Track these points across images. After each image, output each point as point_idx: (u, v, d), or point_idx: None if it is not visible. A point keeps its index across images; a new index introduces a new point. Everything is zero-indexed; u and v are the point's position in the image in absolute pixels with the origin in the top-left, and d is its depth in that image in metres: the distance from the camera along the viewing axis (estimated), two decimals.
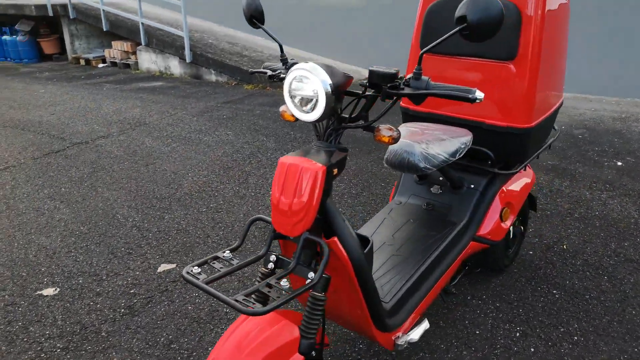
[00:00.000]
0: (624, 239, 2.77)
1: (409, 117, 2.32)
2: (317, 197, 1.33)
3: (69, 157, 4.23)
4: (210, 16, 8.93)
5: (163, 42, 7.35)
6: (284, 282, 1.32)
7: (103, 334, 2.16)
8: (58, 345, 2.09)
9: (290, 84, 1.36)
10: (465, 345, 2.04)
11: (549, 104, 2.18)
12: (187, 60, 7.02)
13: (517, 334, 2.10)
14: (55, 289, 2.46)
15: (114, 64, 8.38)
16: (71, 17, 8.60)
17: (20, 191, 3.57)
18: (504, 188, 2.18)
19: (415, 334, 1.76)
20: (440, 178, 2.22)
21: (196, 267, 1.35)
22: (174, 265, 2.64)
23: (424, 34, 2.17)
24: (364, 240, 1.57)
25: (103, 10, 7.96)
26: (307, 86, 1.32)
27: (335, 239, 1.43)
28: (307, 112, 1.36)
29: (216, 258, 1.44)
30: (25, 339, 2.12)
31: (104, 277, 2.54)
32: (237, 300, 1.23)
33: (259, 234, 2.92)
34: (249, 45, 7.69)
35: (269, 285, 1.32)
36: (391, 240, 2.01)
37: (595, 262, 2.57)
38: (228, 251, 1.45)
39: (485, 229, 2.13)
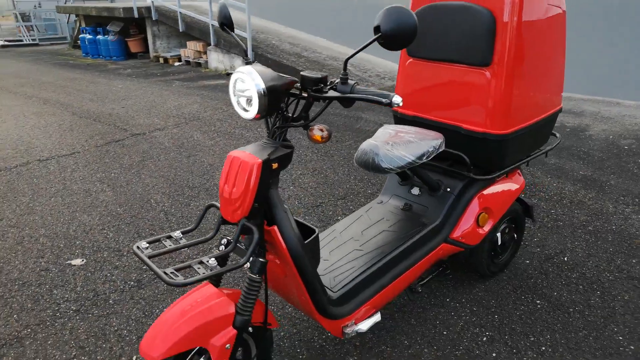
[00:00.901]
0: (633, 256, 2.64)
1: (399, 120, 2.40)
2: (253, 188, 1.50)
3: (126, 146, 4.71)
4: (276, 18, 9.31)
5: (229, 43, 7.80)
6: (212, 261, 1.50)
7: (110, 301, 2.46)
8: (72, 307, 2.42)
9: (235, 85, 1.54)
10: (428, 344, 2.10)
11: (533, 112, 2.17)
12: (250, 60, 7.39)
13: (484, 339, 2.12)
14: (83, 260, 2.82)
15: (187, 62, 9.01)
16: (154, 19, 9.36)
17: (78, 174, 4.06)
18: (482, 193, 2.20)
19: (364, 325, 1.86)
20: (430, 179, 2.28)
21: (144, 243, 1.57)
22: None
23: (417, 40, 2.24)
24: (311, 231, 1.71)
25: (180, 12, 8.59)
26: (245, 87, 1.49)
27: (275, 227, 1.59)
28: (247, 111, 1.54)
29: (169, 237, 1.65)
30: (47, 300, 2.48)
31: (125, 253, 2.87)
32: (165, 272, 1.42)
33: None
34: (310, 46, 7.94)
35: (201, 263, 1.51)
36: (359, 236, 2.12)
37: (592, 277, 2.49)
38: (180, 232, 1.66)
39: (459, 232, 2.16)
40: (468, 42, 2.01)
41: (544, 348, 2.05)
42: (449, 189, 2.19)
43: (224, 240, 1.71)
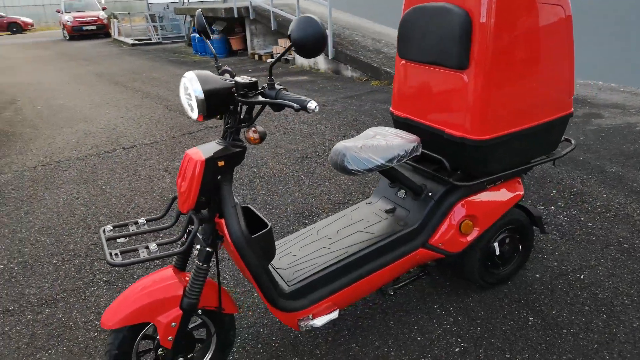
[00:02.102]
0: None
1: (395, 122, 2.40)
2: (197, 183, 1.66)
3: (197, 138, 5.15)
4: (365, 14, 9.34)
5: None
6: (154, 247, 1.68)
7: (135, 276, 2.79)
8: (103, 278, 2.79)
9: (185, 89, 1.70)
10: (397, 348, 2.10)
11: (523, 118, 2.03)
12: (330, 57, 7.57)
13: (457, 349, 2.07)
14: (125, 239, 3.20)
15: None
16: (251, 18, 9.93)
17: (149, 162, 4.55)
18: (467, 200, 2.13)
19: (319, 321, 1.93)
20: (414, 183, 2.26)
21: (110, 227, 1.80)
22: None
23: (399, 42, 2.23)
24: (264, 225, 1.83)
25: (272, 11, 9.02)
26: (188, 91, 1.65)
27: (222, 220, 1.73)
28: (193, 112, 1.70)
29: (135, 223, 1.87)
30: (87, 270, 2.88)
31: (160, 236, 3.20)
32: (110, 253, 1.64)
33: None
34: (393, 42, 7.88)
35: (147, 247, 1.70)
36: (333, 235, 2.18)
37: (604, 299, 2.27)
38: (144, 219, 1.87)
39: (439, 238, 2.12)
40: (445, 44, 1.96)
41: None
42: (430, 194, 2.15)
43: (189, 229, 1.89)
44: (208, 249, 1.75)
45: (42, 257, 3.01)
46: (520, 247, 2.40)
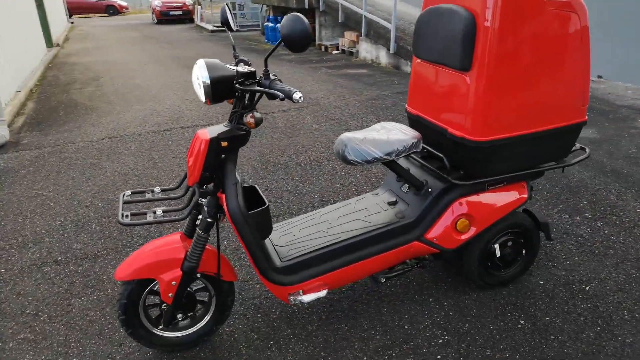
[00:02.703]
0: None
1: (409, 119, 2.48)
2: (201, 159, 1.86)
3: None
4: None
5: (377, 34, 8.07)
6: (159, 212, 1.91)
7: None
8: (139, 242, 3.10)
9: (196, 75, 1.90)
10: (383, 332, 2.21)
11: (527, 122, 2.05)
12: (391, 52, 7.59)
13: (440, 341, 2.14)
14: (142, 204, 3.51)
15: (343, 51, 9.57)
16: (321, 9, 10.11)
17: None
18: (465, 199, 2.18)
19: (307, 297, 2.09)
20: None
21: (129, 192, 2.06)
22: None
23: (414, 40, 2.30)
24: (262, 203, 2.01)
25: (341, 4, 9.14)
26: (198, 77, 1.84)
27: (220, 194, 1.93)
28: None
29: (152, 191, 2.11)
30: (128, 233, 3.20)
31: (172, 202, 3.48)
32: (122, 214, 1.88)
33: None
34: None
35: (154, 212, 1.93)
36: (333, 220, 2.31)
37: (604, 312, 2.24)
38: (159, 188, 2.11)
39: (434, 233, 2.19)
40: (451, 45, 2.02)
41: None
42: (430, 190, 2.22)
43: (193, 200, 2.11)
44: (209, 219, 1.95)
45: (92, 219, 3.39)
46: (523, 251, 2.41)
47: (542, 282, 2.47)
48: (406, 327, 2.24)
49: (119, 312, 2.00)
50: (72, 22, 21.00)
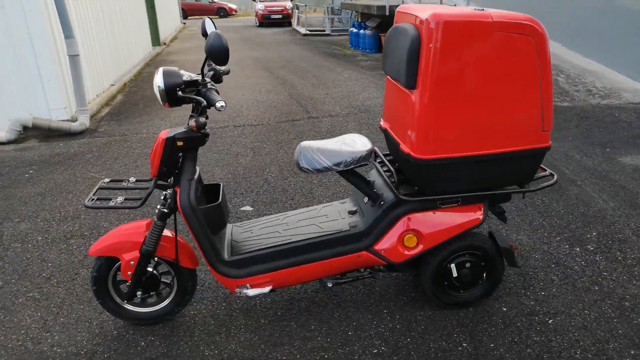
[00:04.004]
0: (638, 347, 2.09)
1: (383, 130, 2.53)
2: (157, 155, 2.11)
3: (295, 125, 5.66)
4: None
5: None
6: (120, 199, 2.17)
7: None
8: None
9: (156, 81, 2.12)
10: (326, 335, 2.30)
11: (476, 144, 2.02)
12: None
13: (375, 351, 2.19)
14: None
15: None
16: None
17: (244, 140, 5.20)
18: (413, 215, 2.19)
19: (251, 292, 2.24)
20: (375, 190, 2.39)
21: (107, 179, 2.35)
22: (251, 209, 3.62)
23: (383, 57, 2.37)
24: (216, 200, 2.22)
25: None
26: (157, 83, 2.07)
27: (177, 188, 2.16)
28: None
29: (128, 180, 2.39)
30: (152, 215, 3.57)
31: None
32: (91, 198, 2.17)
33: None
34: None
35: (117, 199, 2.20)
36: (292, 223, 2.44)
37: (555, 347, 2.13)
38: (134, 179, 2.38)
39: (382, 246, 2.24)
40: (401, 64, 2.06)
41: None
42: (382, 203, 2.27)
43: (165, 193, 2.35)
44: (164, 209, 2.19)
45: None
46: (484, 275, 2.35)
47: (505, 309, 2.39)
48: (350, 333, 2.31)
49: (91, 284, 2.31)
50: (184, 23, 22.86)
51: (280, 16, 21.11)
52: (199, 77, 2.06)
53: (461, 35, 1.91)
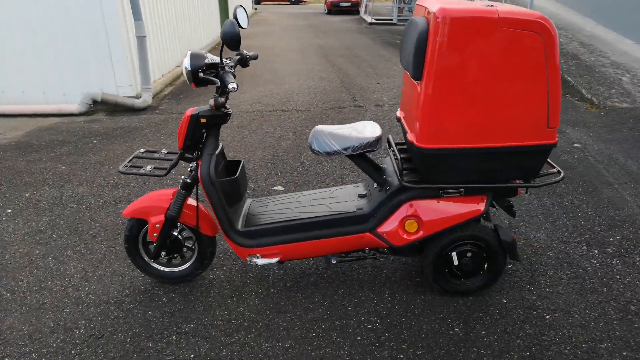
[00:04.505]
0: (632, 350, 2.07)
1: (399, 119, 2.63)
2: (183, 130, 2.34)
3: (341, 112, 5.79)
4: (591, 13, 8.34)
5: None
6: (149, 167, 2.42)
7: None
8: None
9: (184, 62, 2.34)
10: (327, 308, 2.45)
11: (479, 137, 2.08)
12: None
13: (369, 326, 2.32)
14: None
15: None
16: None
17: (289, 124, 5.40)
18: (415, 201, 2.28)
19: (260, 261, 2.44)
20: (384, 176, 2.49)
21: (142, 149, 2.62)
22: (282, 189, 3.82)
23: (400, 49, 2.45)
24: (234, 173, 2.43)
25: None
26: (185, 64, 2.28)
27: (199, 161, 2.38)
28: None
29: (161, 152, 2.64)
30: None
31: (256, 180, 4.00)
32: (125, 164, 2.44)
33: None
34: (602, 48, 6.99)
35: (147, 168, 2.45)
36: (305, 202, 2.60)
37: (546, 341, 2.15)
38: (166, 150, 2.63)
39: (385, 229, 2.35)
40: (410, 56, 2.15)
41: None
42: (388, 188, 2.37)
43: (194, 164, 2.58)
44: (188, 180, 2.42)
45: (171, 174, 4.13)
46: (485, 266, 2.41)
47: (504, 301, 2.43)
48: (349, 308, 2.45)
49: (123, 242, 2.60)
50: (255, 9, 23.43)
51: (349, 4, 21.11)
52: (214, 61, 2.25)
53: (467, 30, 1.97)
